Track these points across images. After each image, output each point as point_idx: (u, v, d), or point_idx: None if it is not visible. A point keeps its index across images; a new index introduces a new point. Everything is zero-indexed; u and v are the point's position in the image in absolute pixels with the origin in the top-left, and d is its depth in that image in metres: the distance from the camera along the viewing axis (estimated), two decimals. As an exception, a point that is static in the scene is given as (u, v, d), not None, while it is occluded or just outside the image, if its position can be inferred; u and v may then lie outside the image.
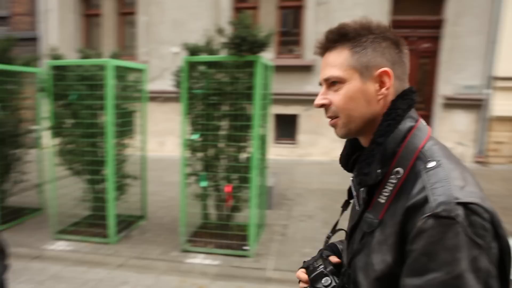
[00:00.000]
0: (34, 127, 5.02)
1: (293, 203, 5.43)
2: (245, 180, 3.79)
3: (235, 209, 3.98)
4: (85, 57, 4.29)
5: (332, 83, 0.90)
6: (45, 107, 4.24)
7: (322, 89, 0.93)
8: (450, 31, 8.06)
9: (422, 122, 0.89)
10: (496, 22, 7.83)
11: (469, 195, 0.71)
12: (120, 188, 4.31)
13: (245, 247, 3.79)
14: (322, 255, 1.06)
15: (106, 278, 3.43)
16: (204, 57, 3.76)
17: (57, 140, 4.21)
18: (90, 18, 9.68)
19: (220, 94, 3.69)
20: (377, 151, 0.85)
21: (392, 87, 0.87)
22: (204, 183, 3.87)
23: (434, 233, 0.70)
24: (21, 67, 4.72)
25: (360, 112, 0.88)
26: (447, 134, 8.19)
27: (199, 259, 3.72)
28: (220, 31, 3.65)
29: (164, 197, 5.59)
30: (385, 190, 0.83)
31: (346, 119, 0.90)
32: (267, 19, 8.39)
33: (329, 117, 0.94)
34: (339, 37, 0.89)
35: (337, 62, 0.88)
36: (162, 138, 8.89)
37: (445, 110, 8.24)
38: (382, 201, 0.83)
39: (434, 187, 0.74)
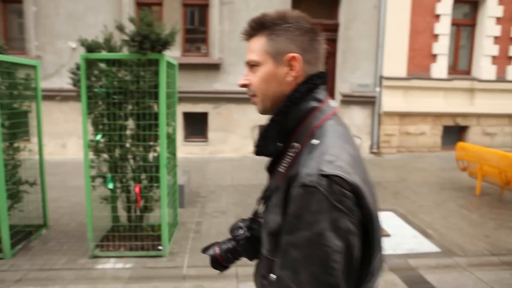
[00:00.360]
0: None
1: (206, 200, 5.47)
2: (154, 179, 3.72)
3: (146, 209, 3.88)
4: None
5: (252, 66, 1.02)
6: None
7: (245, 70, 1.05)
8: (344, 34, 8.84)
9: (328, 103, 1.01)
10: (382, 28, 8.81)
11: (334, 169, 0.83)
12: (14, 196, 3.91)
13: (159, 247, 3.73)
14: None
15: (2, 295, 3.11)
16: (103, 54, 3.58)
17: None
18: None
19: (124, 93, 3.57)
20: (272, 127, 0.99)
21: (301, 71, 0.98)
22: (110, 185, 3.70)
23: (302, 199, 0.83)
24: None
25: (273, 92, 1.00)
26: (346, 128, 8.97)
27: (110, 264, 3.56)
28: (120, 28, 3.52)
29: (68, 202, 5.21)
30: (284, 161, 0.97)
31: (262, 98, 1.02)
32: (172, 16, 8.27)
33: (250, 95, 1.05)
34: (258, 26, 1.00)
35: (255, 47, 1.00)
36: (63, 140, 8.23)
37: (344, 106, 9.01)
38: (281, 170, 0.96)
39: (308, 161, 0.87)
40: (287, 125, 0.97)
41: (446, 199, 5.67)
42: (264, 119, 1.03)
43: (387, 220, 4.79)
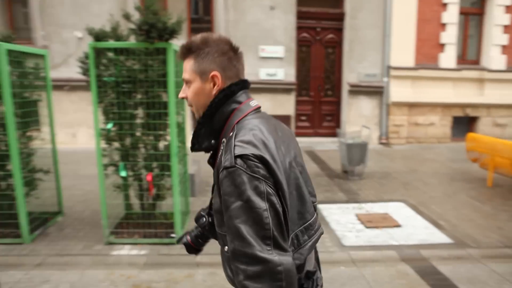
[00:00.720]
0: None
1: (216, 189, 5.47)
2: (166, 168, 3.73)
3: (158, 197, 3.90)
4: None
5: (186, 82, 1.24)
6: None
7: (184, 86, 1.26)
8: (350, 24, 8.75)
9: (247, 104, 1.21)
10: (389, 17, 8.71)
11: (244, 150, 1.04)
12: (30, 184, 3.93)
13: (172, 235, 3.75)
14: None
15: (24, 279, 3.14)
16: (111, 43, 3.57)
17: None
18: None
19: (133, 82, 3.56)
20: (199, 128, 1.21)
21: (223, 84, 1.19)
22: (123, 173, 3.72)
23: (227, 179, 1.04)
24: None
25: (203, 103, 1.22)
26: (355, 119, 8.93)
27: (125, 251, 3.60)
28: (127, 16, 3.50)
29: (81, 190, 5.26)
30: (218, 154, 1.17)
31: (196, 107, 1.24)
32: (177, 6, 8.22)
33: (189, 105, 1.27)
34: (187, 51, 1.21)
35: (187, 68, 1.21)
36: (73, 130, 8.26)
37: (352, 96, 8.96)
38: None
39: (227, 150, 1.08)
40: (214, 125, 1.20)
41: (457, 190, 5.64)
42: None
43: (398, 210, 4.78)
